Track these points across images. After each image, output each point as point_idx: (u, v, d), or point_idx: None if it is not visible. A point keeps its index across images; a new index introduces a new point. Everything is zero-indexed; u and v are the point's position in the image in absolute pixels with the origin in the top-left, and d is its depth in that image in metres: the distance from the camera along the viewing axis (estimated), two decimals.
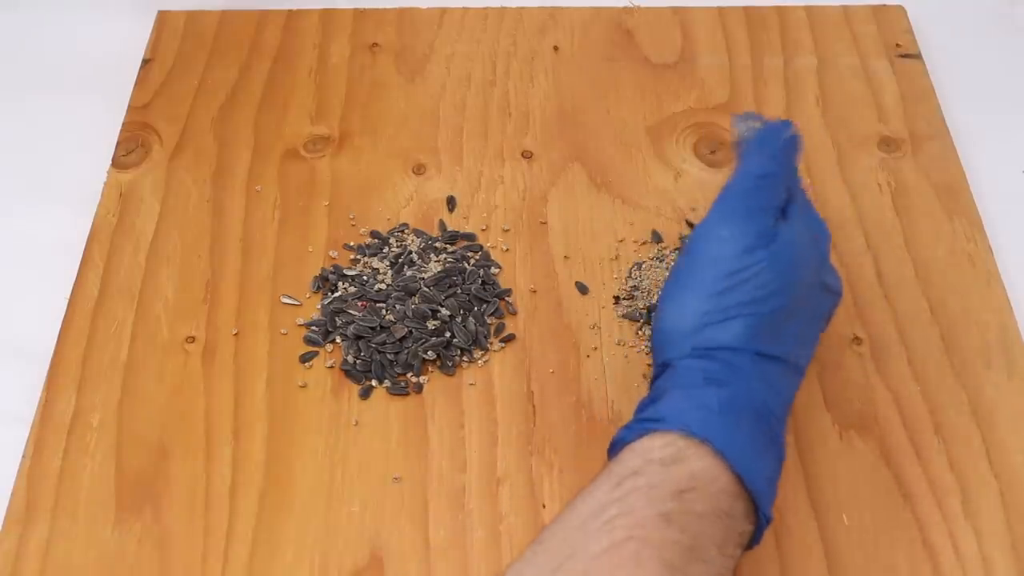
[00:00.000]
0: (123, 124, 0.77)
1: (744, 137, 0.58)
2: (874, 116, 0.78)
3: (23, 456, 0.61)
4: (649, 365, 0.65)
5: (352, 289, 0.67)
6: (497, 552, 0.58)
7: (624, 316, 0.67)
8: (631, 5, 0.86)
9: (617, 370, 0.65)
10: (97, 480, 0.60)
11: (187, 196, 0.73)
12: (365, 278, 0.68)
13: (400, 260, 0.68)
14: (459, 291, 0.67)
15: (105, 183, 0.74)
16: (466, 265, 0.68)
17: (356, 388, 0.64)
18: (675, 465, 0.48)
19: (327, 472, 0.60)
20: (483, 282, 0.68)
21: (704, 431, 0.49)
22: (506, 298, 0.67)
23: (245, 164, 0.75)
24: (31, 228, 0.73)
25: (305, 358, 0.65)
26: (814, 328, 0.57)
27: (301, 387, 0.64)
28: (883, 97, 0.79)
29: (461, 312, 0.66)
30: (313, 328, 0.66)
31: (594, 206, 0.73)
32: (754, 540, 0.51)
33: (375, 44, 0.83)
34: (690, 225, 0.71)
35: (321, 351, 0.65)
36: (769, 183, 0.55)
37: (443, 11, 0.85)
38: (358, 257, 0.69)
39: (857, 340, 0.66)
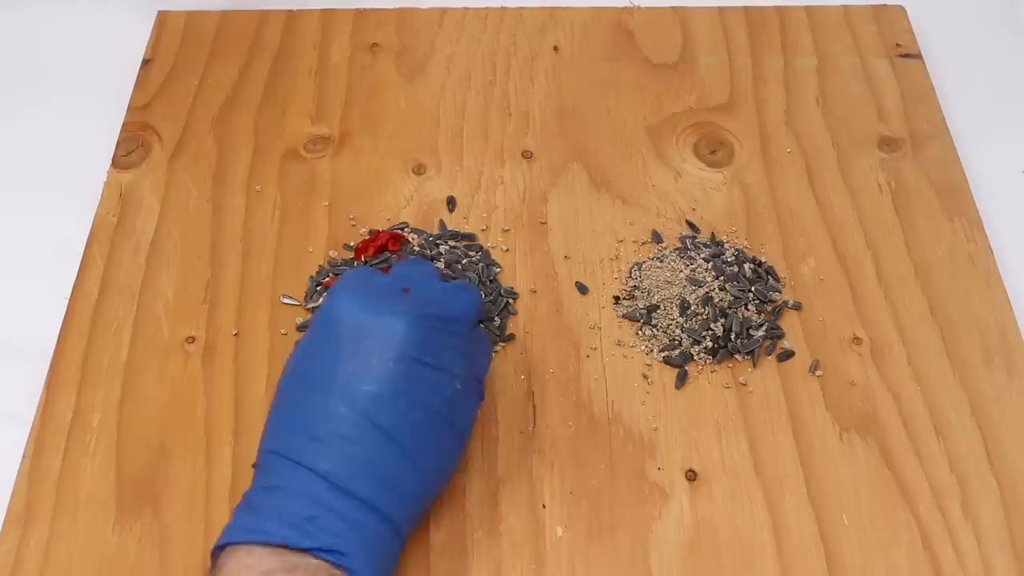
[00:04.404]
0: (123, 124, 0.77)
1: None
2: (874, 116, 0.78)
3: (23, 456, 0.61)
4: (648, 365, 0.65)
5: None
6: (497, 552, 0.58)
7: (624, 316, 0.67)
8: (631, 5, 0.86)
9: (617, 370, 0.65)
10: (97, 480, 0.60)
11: (187, 196, 0.73)
12: None
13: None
14: None
15: (105, 183, 0.74)
16: (469, 262, 0.68)
17: None
18: None
19: None
20: (488, 281, 0.68)
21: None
22: (508, 299, 0.67)
23: (245, 164, 0.75)
24: (31, 228, 0.73)
25: None
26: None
27: None
28: (883, 97, 0.79)
29: None
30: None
31: (594, 206, 0.73)
32: None
33: (375, 44, 0.83)
34: (690, 225, 0.71)
35: None
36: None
37: (443, 11, 0.85)
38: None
39: (857, 340, 0.66)
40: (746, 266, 0.67)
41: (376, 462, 0.52)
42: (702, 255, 0.68)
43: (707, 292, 0.66)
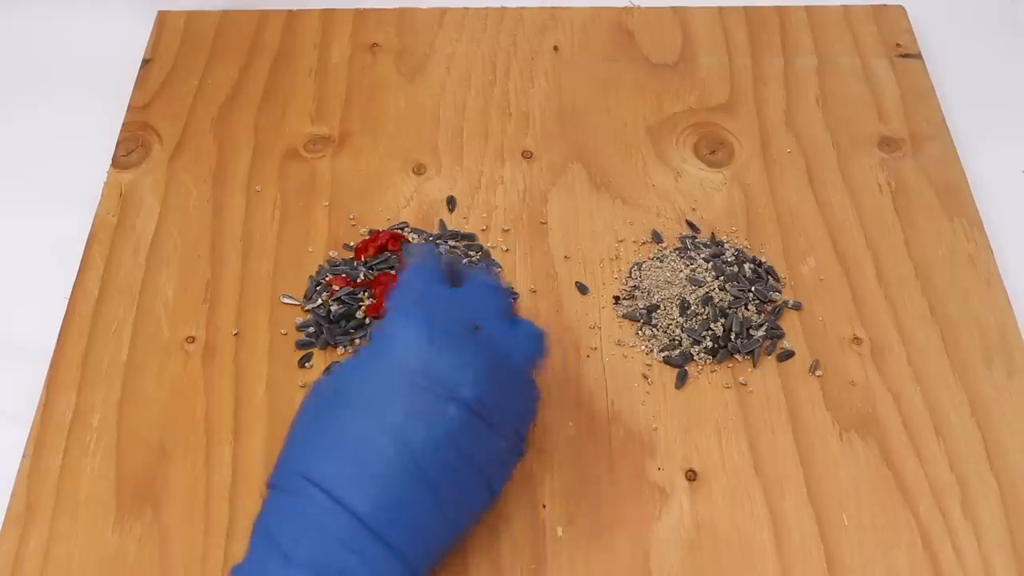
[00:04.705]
0: (123, 124, 0.77)
1: None
2: (874, 116, 0.78)
3: (23, 456, 0.61)
4: (649, 365, 0.65)
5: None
6: (497, 552, 0.58)
7: (624, 316, 0.67)
8: (631, 5, 0.86)
9: (617, 370, 0.65)
10: (97, 480, 0.60)
11: (187, 196, 0.73)
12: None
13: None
14: None
15: (105, 183, 0.74)
16: (469, 262, 0.68)
17: None
18: None
19: None
20: None
21: None
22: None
23: (245, 164, 0.75)
24: (31, 228, 0.73)
25: (303, 361, 0.65)
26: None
27: (301, 387, 0.64)
28: (883, 97, 0.79)
29: None
30: (308, 330, 0.66)
31: (594, 206, 0.73)
32: None
33: (375, 44, 0.83)
34: (690, 225, 0.71)
35: (322, 353, 0.65)
36: None
37: (443, 11, 0.85)
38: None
39: (857, 340, 0.66)
40: (746, 266, 0.67)
41: (414, 510, 0.51)
42: (702, 255, 0.68)
43: (707, 292, 0.66)
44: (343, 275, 0.67)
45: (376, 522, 0.50)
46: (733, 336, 0.65)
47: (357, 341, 0.65)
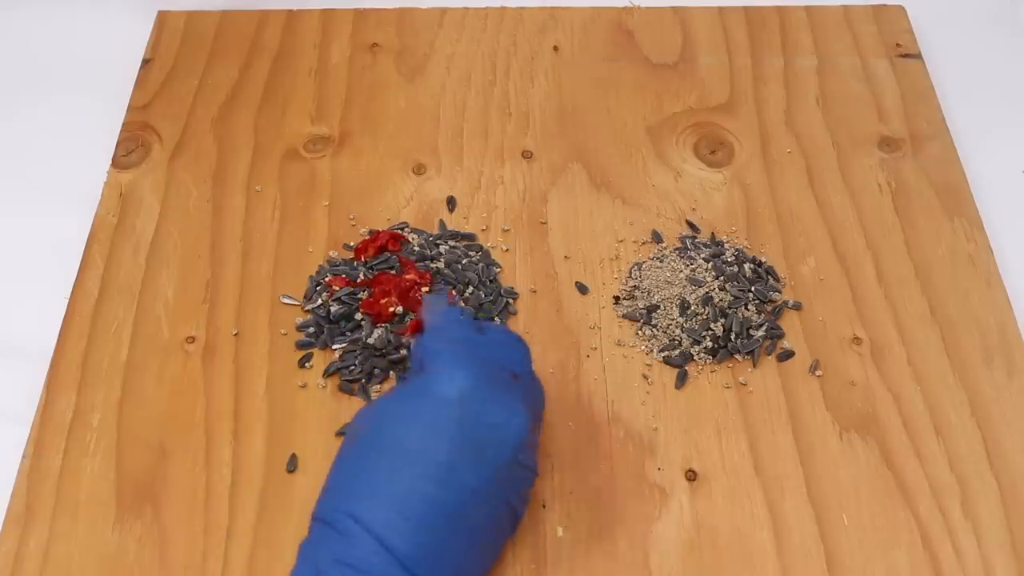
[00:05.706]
0: (123, 124, 0.77)
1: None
2: (874, 116, 0.78)
3: (23, 456, 0.61)
4: (648, 365, 0.65)
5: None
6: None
7: (624, 316, 0.67)
8: (631, 5, 0.86)
9: (617, 370, 0.65)
10: (97, 480, 0.60)
11: (187, 196, 0.73)
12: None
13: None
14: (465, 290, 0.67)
15: (105, 183, 0.74)
16: (469, 262, 0.68)
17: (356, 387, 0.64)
18: None
19: (327, 472, 0.60)
20: (488, 281, 0.68)
21: None
22: (508, 299, 0.67)
23: (245, 164, 0.75)
24: (31, 228, 0.73)
25: (303, 361, 0.65)
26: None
27: (301, 387, 0.64)
28: (883, 97, 0.79)
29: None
30: (308, 330, 0.66)
31: (594, 206, 0.73)
32: None
33: (375, 44, 0.83)
34: (690, 225, 0.71)
35: (322, 353, 0.65)
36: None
37: (443, 11, 0.85)
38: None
39: (857, 340, 0.66)
40: (746, 266, 0.67)
41: (454, 553, 0.51)
42: (702, 255, 0.68)
43: (707, 292, 0.66)
44: (343, 275, 0.67)
45: (417, 566, 0.50)
46: (733, 336, 0.65)
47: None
